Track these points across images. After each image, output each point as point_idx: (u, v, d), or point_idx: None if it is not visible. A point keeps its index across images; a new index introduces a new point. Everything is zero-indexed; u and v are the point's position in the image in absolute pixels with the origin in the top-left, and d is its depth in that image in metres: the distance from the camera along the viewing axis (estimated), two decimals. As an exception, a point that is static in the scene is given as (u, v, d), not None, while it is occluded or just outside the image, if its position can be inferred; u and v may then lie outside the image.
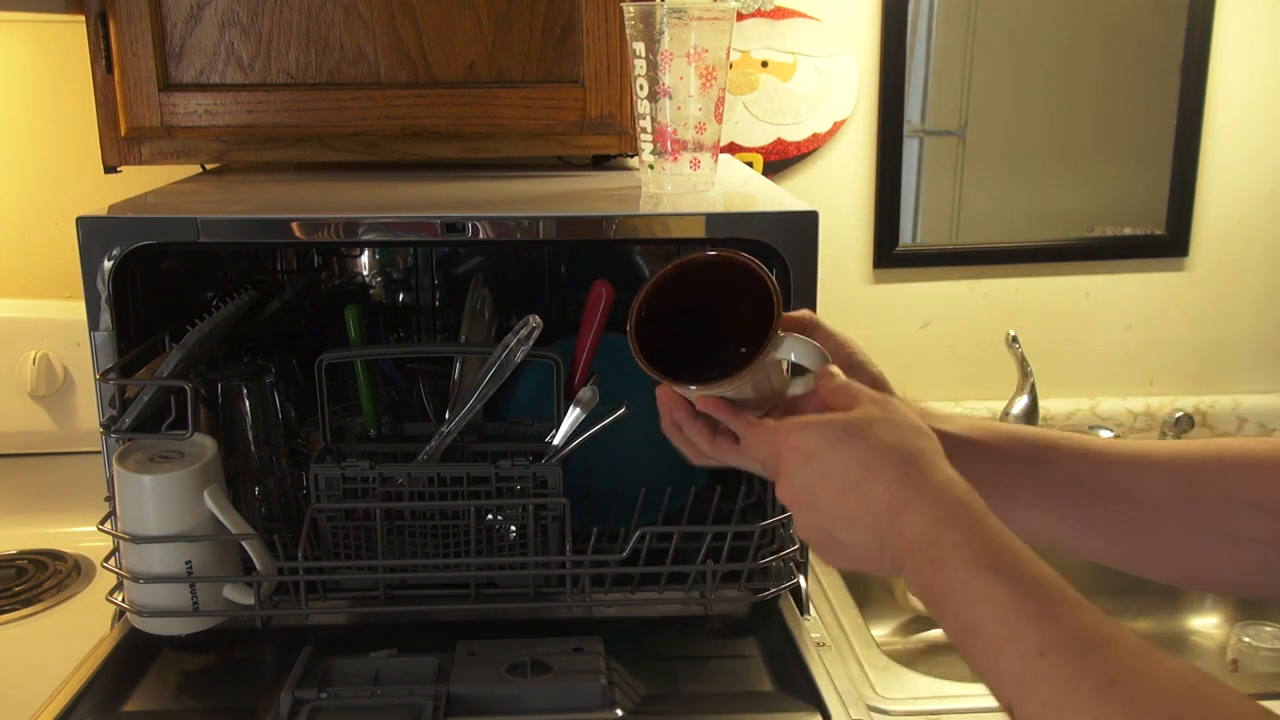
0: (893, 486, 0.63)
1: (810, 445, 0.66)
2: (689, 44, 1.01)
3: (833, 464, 0.66)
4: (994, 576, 0.57)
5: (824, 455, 0.66)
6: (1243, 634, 1.47)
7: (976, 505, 0.62)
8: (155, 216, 1.01)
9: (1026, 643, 0.54)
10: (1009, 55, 1.62)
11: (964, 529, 0.60)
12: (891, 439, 0.65)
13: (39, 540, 1.38)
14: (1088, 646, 0.53)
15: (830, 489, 0.66)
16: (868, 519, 0.64)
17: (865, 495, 0.64)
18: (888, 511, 0.63)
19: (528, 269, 1.47)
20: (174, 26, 1.17)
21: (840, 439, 0.66)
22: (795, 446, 0.67)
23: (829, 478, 0.66)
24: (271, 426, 1.13)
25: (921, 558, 0.61)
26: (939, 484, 0.63)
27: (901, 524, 0.62)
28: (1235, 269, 1.71)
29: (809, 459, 0.66)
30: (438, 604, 1.02)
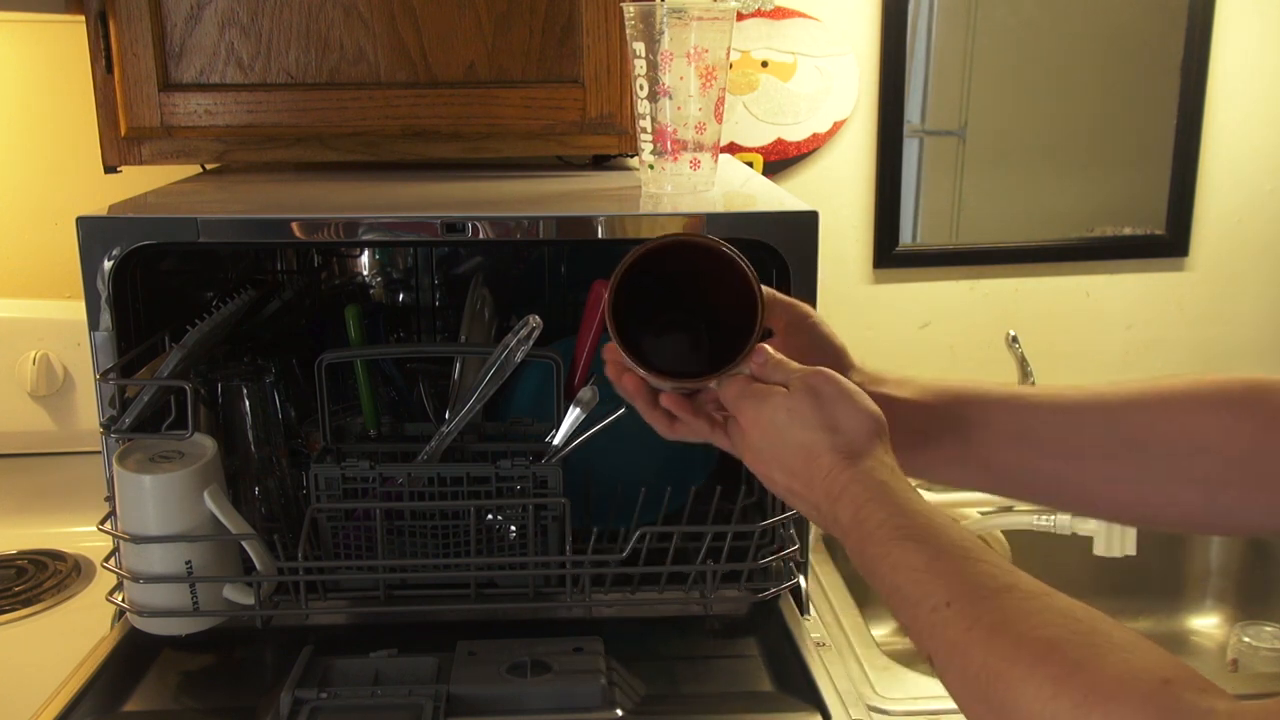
0: (830, 474, 0.69)
1: (763, 422, 0.72)
2: (689, 44, 1.01)
3: (784, 445, 0.72)
4: (910, 544, 0.64)
5: (775, 434, 0.72)
6: (1243, 634, 1.47)
7: (898, 485, 0.68)
8: (155, 216, 1.01)
9: (936, 597, 0.60)
10: (1009, 55, 1.62)
11: (886, 507, 0.66)
12: (828, 425, 0.70)
13: (39, 540, 1.38)
14: (988, 594, 0.58)
15: (783, 466, 0.72)
16: (812, 500, 0.71)
17: (810, 481, 0.71)
18: (827, 498, 0.70)
19: (528, 269, 1.47)
20: (174, 26, 1.17)
21: (787, 422, 0.71)
22: (753, 422, 0.73)
23: (780, 456, 0.72)
24: (271, 426, 1.13)
25: (854, 536, 0.67)
26: (865, 470, 0.69)
27: (838, 509, 0.69)
28: (1235, 269, 1.71)
29: (763, 435, 0.73)
30: (438, 604, 1.02)
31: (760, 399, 0.72)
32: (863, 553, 0.66)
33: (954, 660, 0.58)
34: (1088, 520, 1.50)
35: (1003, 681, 0.54)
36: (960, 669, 0.57)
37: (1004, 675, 0.54)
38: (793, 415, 0.71)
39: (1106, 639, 0.52)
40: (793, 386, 0.72)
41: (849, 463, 0.69)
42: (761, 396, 0.72)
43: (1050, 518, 1.53)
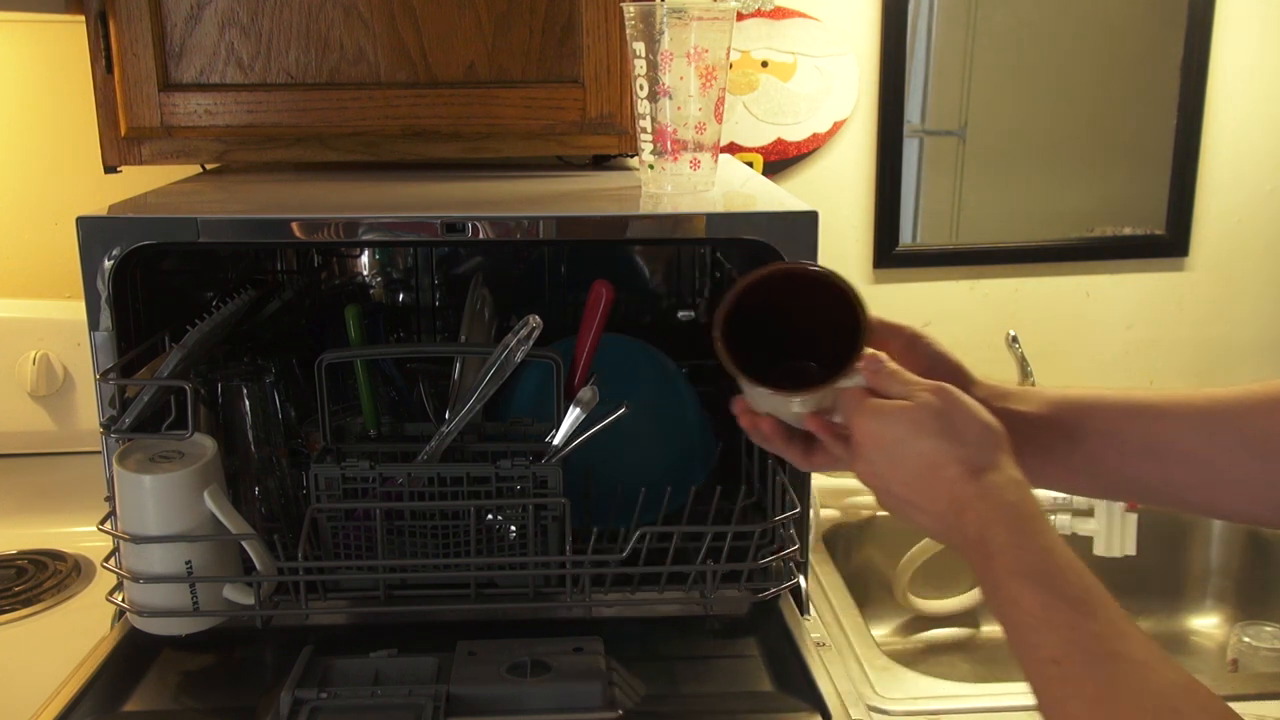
0: (955, 485, 0.68)
1: (882, 434, 0.72)
2: (689, 44, 1.01)
3: (903, 456, 0.71)
4: (1027, 583, 0.63)
5: (895, 447, 0.71)
6: (1243, 634, 1.47)
7: (1026, 509, 0.67)
8: (155, 216, 1.01)
9: (1045, 650, 0.60)
10: (1009, 55, 1.62)
11: (1011, 533, 0.66)
12: (955, 436, 0.70)
13: (39, 540, 1.38)
14: (1094, 660, 0.58)
15: (900, 476, 0.71)
16: (934, 509, 0.70)
17: (932, 491, 0.70)
18: (951, 508, 0.69)
19: (528, 269, 1.47)
20: (174, 26, 1.17)
21: (910, 433, 0.70)
22: (869, 433, 0.72)
23: (899, 467, 0.71)
24: (271, 426, 1.13)
25: (976, 554, 0.67)
26: (995, 486, 0.68)
27: (963, 522, 0.68)
28: (1235, 269, 1.71)
29: (879, 447, 0.72)
30: (438, 604, 1.02)
31: (879, 411, 0.72)
32: (985, 574, 0.66)
33: (1054, 717, 0.59)
34: (1088, 520, 1.50)
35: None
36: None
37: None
38: (917, 426, 0.70)
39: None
40: (915, 398, 0.71)
41: (976, 475, 0.68)
42: (881, 408, 0.72)
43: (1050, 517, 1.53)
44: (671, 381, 1.21)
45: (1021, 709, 1.06)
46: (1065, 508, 1.53)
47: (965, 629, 1.62)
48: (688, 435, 1.20)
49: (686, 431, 1.20)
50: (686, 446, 1.19)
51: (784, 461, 1.03)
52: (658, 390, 1.19)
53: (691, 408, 1.21)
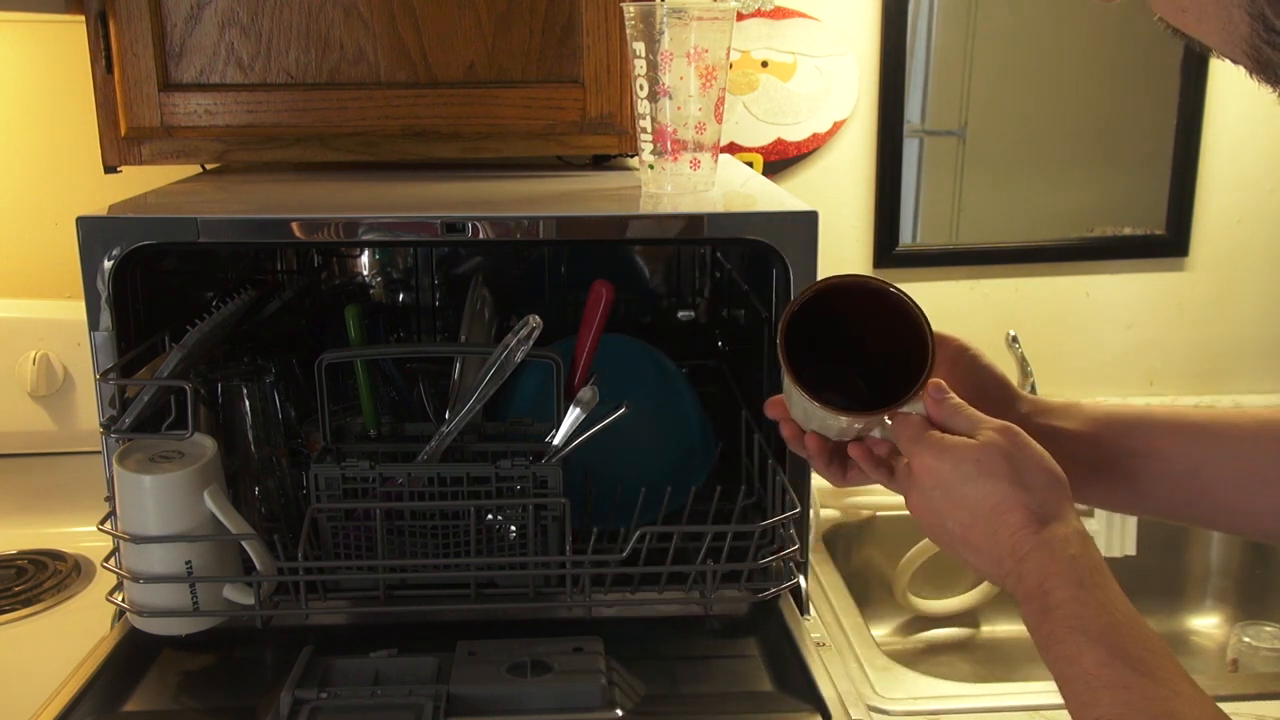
0: (1018, 532, 0.68)
1: (944, 471, 0.71)
2: (689, 44, 1.01)
3: (964, 495, 0.70)
4: (1084, 640, 0.63)
5: (957, 485, 0.70)
6: (1243, 634, 1.47)
7: (1087, 564, 0.66)
8: (155, 216, 1.01)
9: (1098, 709, 0.60)
10: (1009, 55, 1.62)
11: (1071, 587, 0.65)
12: (1022, 482, 0.69)
13: (39, 540, 1.38)
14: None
15: (959, 516, 0.71)
16: (993, 553, 0.69)
17: (994, 534, 0.69)
18: (1011, 555, 0.68)
19: (528, 269, 1.47)
20: (174, 26, 1.17)
21: (972, 473, 0.70)
22: (929, 468, 0.71)
23: (959, 506, 0.70)
24: (271, 426, 1.13)
25: (1034, 604, 0.66)
26: (1059, 539, 0.67)
27: (1023, 570, 0.67)
28: (1235, 269, 1.71)
29: (939, 484, 0.71)
30: (438, 604, 1.02)
31: (944, 446, 0.71)
32: (1040, 626, 0.66)
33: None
34: (1088, 520, 1.50)
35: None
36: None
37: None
38: (982, 467, 0.69)
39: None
40: (981, 437, 0.71)
41: (1040, 524, 0.68)
42: (945, 444, 0.71)
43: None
44: (671, 381, 1.21)
45: (1021, 709, 1.06)
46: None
47: (965, 629, 1.62)
48: (688, 435, 1.20)
49: (686, 431, 1.20)
50: (686, 446, 1.19)
51: (784, 461, 1.03)
52: (658, 390, 1.19)
53: (691, 408, 1.21)
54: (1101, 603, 0.64)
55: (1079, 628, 0.63)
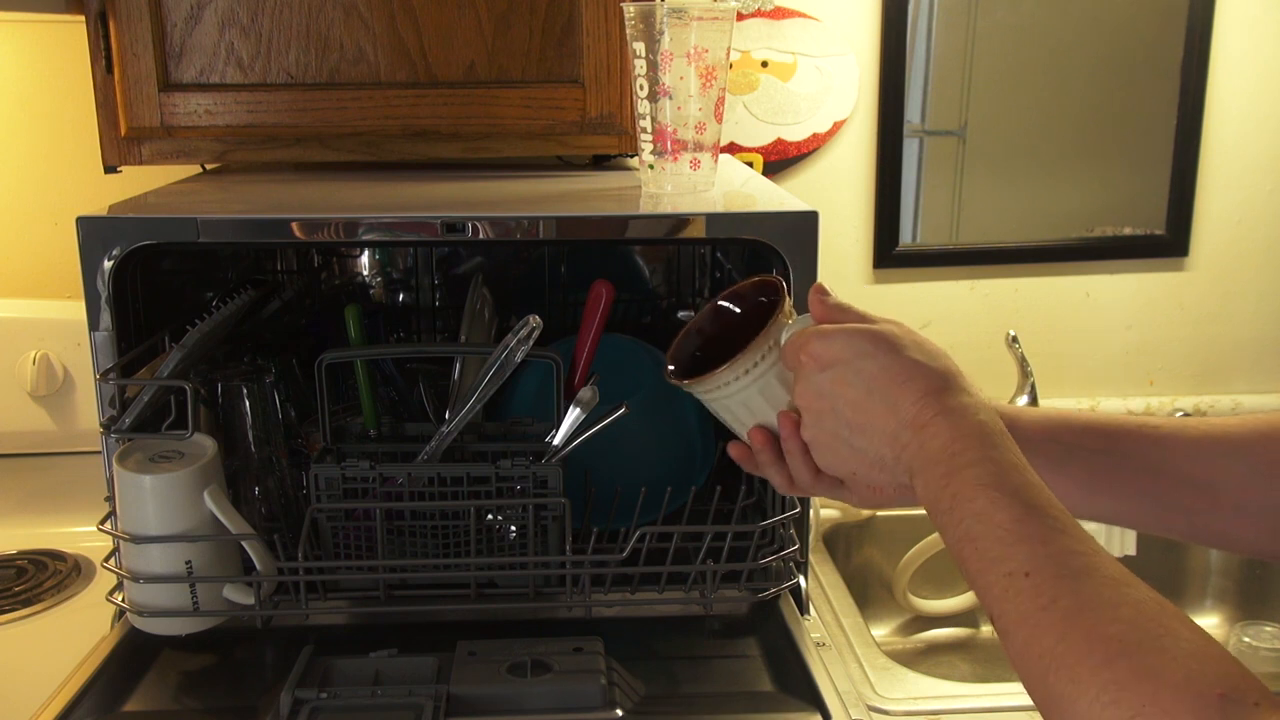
0: (920, 400, 0.66)
1: (834, 351, 0.69)
2: (689, 44, 1.01)
3: (859, 370, 0.68)
4: (999, 496, 0.61)
5: (850, 362, 0.68)
6: (1243, 634, 1.47)
7: (995, 429, 0.65)
8: (155, 216, 1.01)
9: (1015, 562, 0.58)
10: (1009, 55, 1.62)
11: (980, 449, 0.63)
12: (918, 355, 0.68)
13: (39, 540, 1.38)
14: (1068, 574, 0.56)
15: (852, 396, 0.69)
16: (888, 428, 0.68)
17: (892, 406, 0.67)
18: (912, 424, 0.66)
19: (528, 269, 1.47)
20: (174, 26, 1.17)
21: (869, 349, 0.68)
22: (816, 353, 0.69)
23: (851, 385, 0.69)
24: (271, 426, 1.13)
25: (937, 470, 0.64)
26: (963, 405, 0.66)
27: (924, 437, 0.65)
28: (1235, 269, 1.71)
29: (829, 364, 0.69)
30: (438, 604, 1.02)
31: (831, 330, 0.69)
32: (943, 489, 0.63)
33: (1021, 632, 0.56)
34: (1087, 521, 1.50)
35: (1066, 672, 0.53)
36: (1024, 644, 0.56)
37: (1070, 667, 0.53)
38: (878, 342, 0.68)
39: (1175, 643, 0.51)
40: (875, 321, 0.70)
41: (944, 392, 0.66)
42: (835, 329, 0.69)
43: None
44: (671, 381, 1.21)
45: (1021, 709, 1.06)
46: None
47: (965, 629, 1.62)
48: (688, 435, 1.20)
49: (686, 431, 1.20)
50: (686, 446, 1.19)
51: (784, 461, 1.03)
52: (658, 390, 1.19)
53: (691, 408, 1.21)
54: (1014, 464, 0.63)
55: (992, 484, 0.61)
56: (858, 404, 0.69)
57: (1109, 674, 0.51)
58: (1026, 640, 0.55)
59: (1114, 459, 0.77)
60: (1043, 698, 0.54)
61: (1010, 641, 0.57)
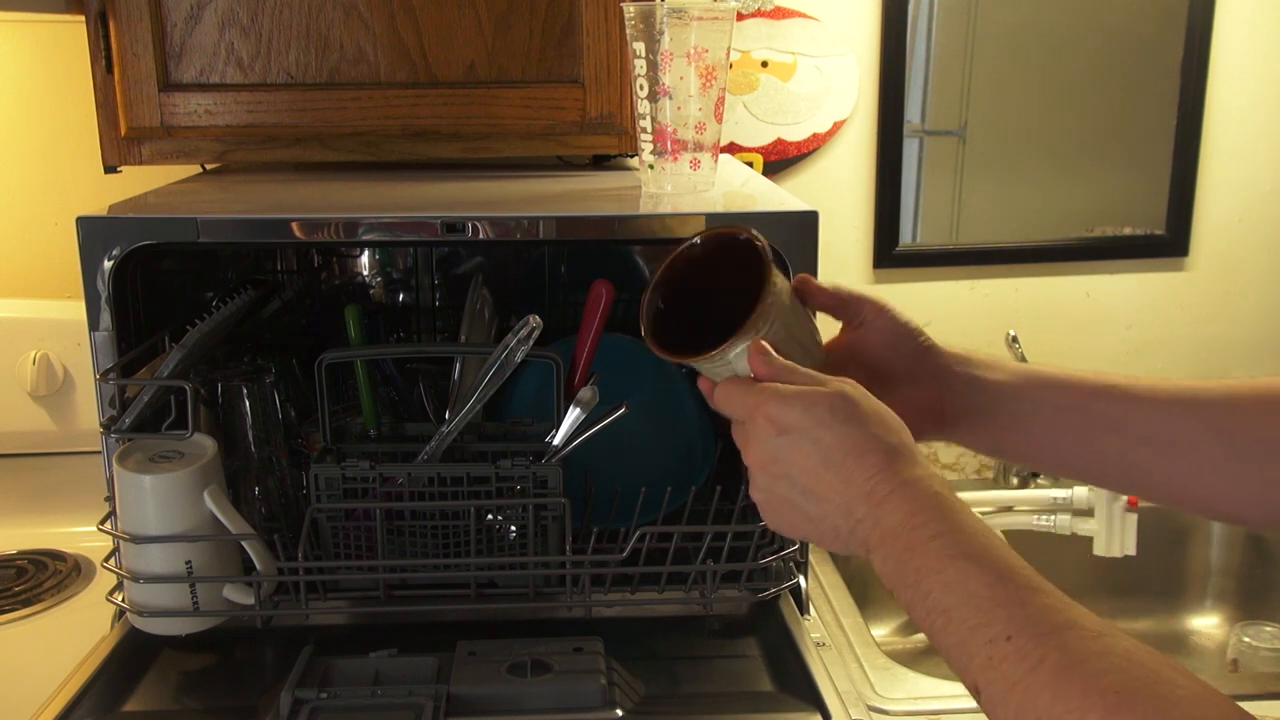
0: (876, 475, 0.65)
1: (792, 418, 0.67)
2: (689, 44, 1.01)
3: (817, 439, 0.67)
4: (968, 565, 0.60)
5: (806, 430, 0.67)
6: (1243, 634, 1.47)
7: (952, 500, 0.64)
8: (155, 216, 1.01)
9: (995, 628, 0.57)
10: (1009, 55, 1.62)
11: (941, 521, 0.63)
12: (876, 429, 0.67)
13: (39, 540, 1.38)
14: (1051, 631, 0.55)
15: (807, 465, 0.67)
16: (842, 501, 0.66)
17: (847, 478, 0.66)
18: (868, 499, 0.65)
19: (528, 269, 1.47)
20: (174, 26, 1.17)
21: (825, 419, 0.67)
22: (773, 417, 0.68)
23: (807, 454, 0.67)
24: (271, 426, 1.13)
25: (897, 545, 0.63)
26: (919, 478, 0.65)
27: (880, 512, 0.65)
28: (1235, 269, 1.71)
29: (785, 430, 0.68)
30: (438, 604, 1.02)
31: (788, 393, 0.68)
32: (907, 563, 0.62)
33: (1012, 698, 0.55)
34: (1088, 520, 1.50)
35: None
36: (1018, 709, 0.54)
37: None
38: (836, 412, 0.66)
39: (1171, 690, 0.51)
40: (830, 386, 0.68)
41: (903, 464, 0.66)
42: (790, 391, 0.68)
43: (1050, 517, 1.53)
44: (671, 381, 1.21)
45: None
46: (1065, 507, 1.53)
47: (965, 629, 1.62)
48: (688, 435, 1.20)
49: (686, 431, 1.20)
50: (686, 446, 1.19)
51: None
52: (658, 390, 1.19)
53: (691, 408, 1.21)
54: (976, 530, 0.62)
55: (959, 554, 0.60)
56: (813, 472, 0.67)
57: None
58: (1020, 706, 0.54)
59: (1079, 415, 0.78)
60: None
61: (1001, 710, 0.56)
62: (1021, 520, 1.54)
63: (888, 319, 0.82)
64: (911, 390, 0.80)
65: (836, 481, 0.67)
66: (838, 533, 0.68)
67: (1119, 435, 0.77)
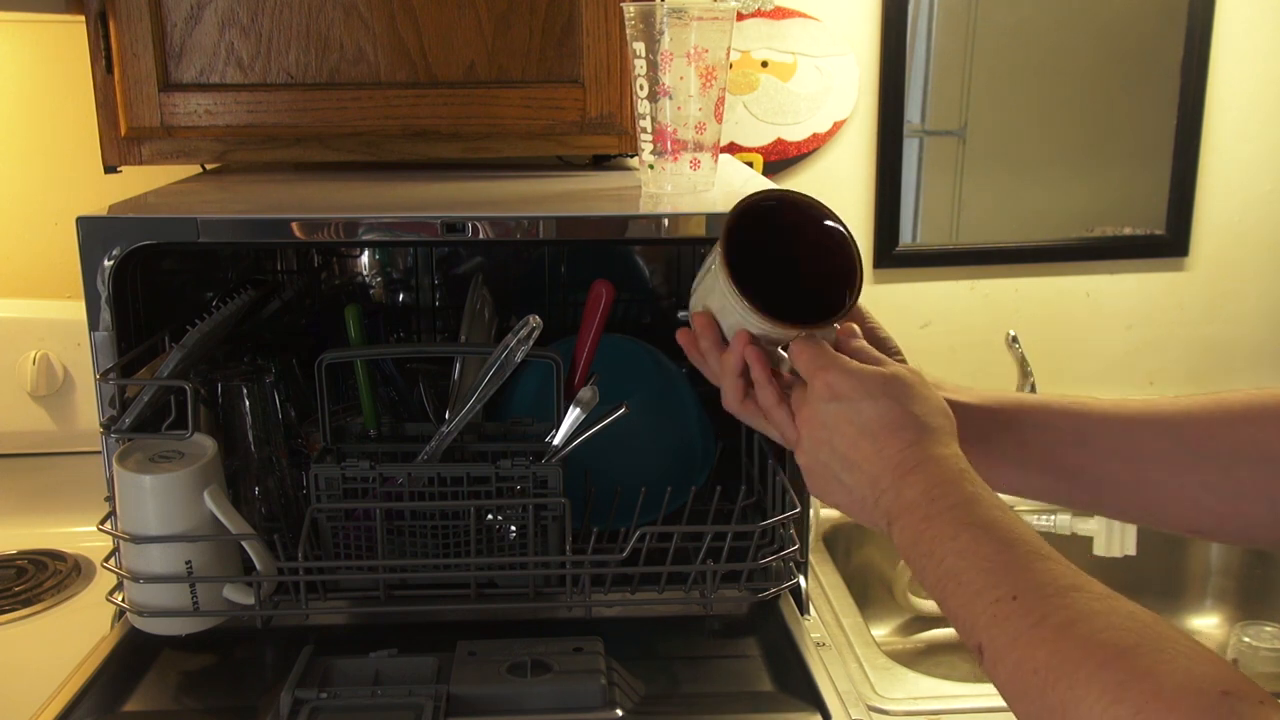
0: (906, 449, 0.69)
1: (845, 386, 0.72)
2: (689, 44, 1.01)
3: (859, 411, 0.71)
4: (980, 533, 0.63)
5: (854, 401, 0.72)
6: (1243, 634, 1.47)
7: (973, 478, 0.68)
8: (155, 216, 1.01)
9: (1002, 588, 0.59)
10: (1009, 55, 1.62)
11: (959, 494, 0.66)
12: (918, 409, 0.71)
13: (39, 540, 1.38)
14: (1056, 591, 0.58)
15: (849, 432, 0.72)
16: (873, 470, 0.70)
17: (880, 449, 0.70)
18: (895, 470, 0.69)
19: (528, 269, 1.47)
20: (174, 26, 1.17)
21: (875, 391, 0.71)
22: (831, 383, 0.73)
23: (850, 422, 0.72)
24: (271, 426, 1.13)
25: (916, 515, 0.67)
26: (945, 456, 0.69)
27: (904, 484, 0.68)
28: (1235, 269, 1.71)
29: (838, 397, 0.72)
30: (438, 604, 1.02)
31: (850, 366, 0.73)
32: (923, 533, 0.65)
33: (1012, 654, 0.57)
34: (1088, 520, 1.50)
35: (1065, 681, 0.53)
36: (1017, 663, 0.56)
37: (1068, 675, 0.53)
38: (886, 388, 0.71)
39: (1172, 645, 0.52)
40: (888, 368, 0.73)
41: (933, 442, 0.69)
42: (852, 365, 0.73)
43: (1050, 517, 1.53)
44: (671, 381, 1.21)
45: (1021, 709, 1.06)
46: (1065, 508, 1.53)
47: (965, 629, 1.62)
48: (688, 435, 1.20)
49: (686, 431, 1.20)
50: (686, 446, 1.19)
51: (784, 461, 1.03)
52: (658, 390, 1.19)
53: (691, 408, 1.21)
54: (993, 504, 0.65)
55: (974, 523, 0.63)
56: (851, 440, 0.72)
57: (1108, 675, 0.52)
58: (1019, 660, 0.56)
59: (1045, 432, 0.80)
60: (1040, 712, 0.54)
61: (1001, 667, 0.58)
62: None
63: (867, 329, 0.83)
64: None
65: (871, 451, 0.71)
66: (864, 503, 0.72)
67: (1088, 449, 0.79)
